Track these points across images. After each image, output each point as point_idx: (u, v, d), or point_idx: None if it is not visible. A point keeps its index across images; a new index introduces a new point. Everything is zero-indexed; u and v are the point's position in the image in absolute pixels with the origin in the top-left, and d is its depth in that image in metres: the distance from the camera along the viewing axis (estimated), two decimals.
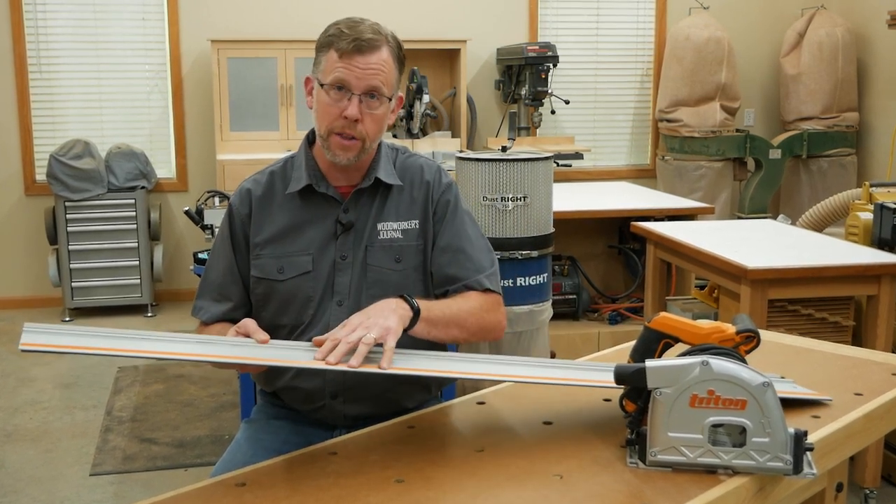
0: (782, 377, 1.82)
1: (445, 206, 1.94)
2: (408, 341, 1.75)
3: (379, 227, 1.89)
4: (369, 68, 1.80)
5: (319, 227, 1.89)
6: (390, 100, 1.86)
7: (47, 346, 1.39)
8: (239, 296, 1.93)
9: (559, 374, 1.71)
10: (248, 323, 1.64)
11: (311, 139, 1.96)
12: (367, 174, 1.90)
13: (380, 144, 1.94)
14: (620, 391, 1.56)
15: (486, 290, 1.89)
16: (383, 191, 1.92)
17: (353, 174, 1.91)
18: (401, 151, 2.00)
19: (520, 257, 3.19)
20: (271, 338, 1.82)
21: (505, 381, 1.84)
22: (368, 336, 1.53)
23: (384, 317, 1.59)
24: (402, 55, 1.89)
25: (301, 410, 1.94)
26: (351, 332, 1.55)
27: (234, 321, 1.86)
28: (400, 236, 1.90)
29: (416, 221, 1.92)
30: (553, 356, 3.79)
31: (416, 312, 1.68)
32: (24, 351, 1.37)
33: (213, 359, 1.56)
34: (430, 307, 1.72)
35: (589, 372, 1.75)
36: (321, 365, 1.51)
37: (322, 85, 1.82)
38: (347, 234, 1.88)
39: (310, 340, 1.75)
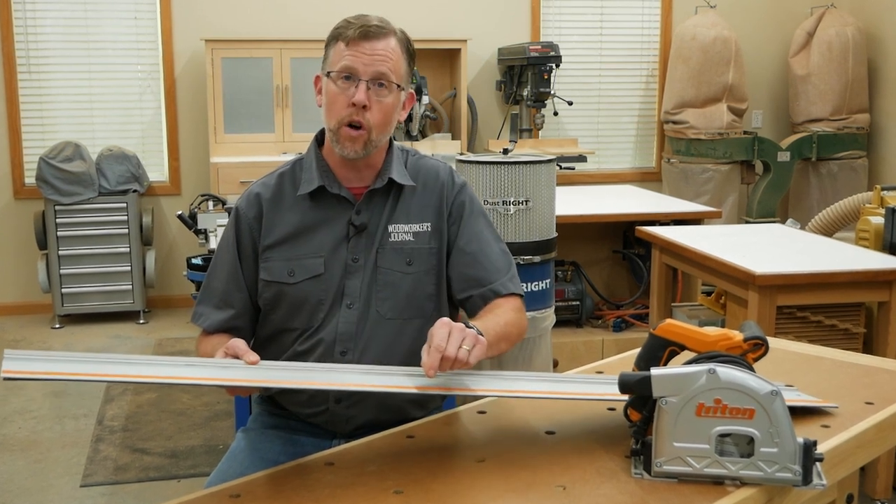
0: (788, 385, 1.79)
1: (461, 207, 1.93)
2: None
3: (390, 228, 1.88)
4: (376, 54, 1.80)
5: (331, 228, 1.88)
6: (399, 89, 1.83)
7: (31, 373, 1.36)
8: (242, 303, 1.91)
9: (562, 388, 1.70)
10: (238, 344, 1.61)
11: (319, 140, 1.94)
12: (380, 174, 1.89)
13: (391, 145, 1.92)
14: (625, 400, 1.53)
15: (510, 294, 1.90)
16: (395, 192, 1.90)
17: (366, 174, 1.90)
18: (411, 153, 1.98)
19: (521, 262, 3.16)
20: (279, 341, 1.90)
21: (506, 397, 1.83)
22: (464, 350, 1.53)
23: (470, 329, 1.58)
24: (412, 49, 1.88)
25: (301, 416, 1.92)
26: (453, 340, 1.53)
27: (236, 329, 1.88)
28: (411, 239, 1.89)
29: (428, 224, 1.90)
30: (556, 364, 3.78)
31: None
32: (6, 379, 1.34)
33: (201, 381, 1.54)
34: (487, 329, 1.68)
35: (592, 385, 1.75)
36: (311, 385, 1.56)
37: (329, 74, 1.82)
38: (360, 236, 1.87)
39: (319, 343, 1.82)
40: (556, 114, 6.14)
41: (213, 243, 3.44)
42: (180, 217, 3.69)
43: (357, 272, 1.85)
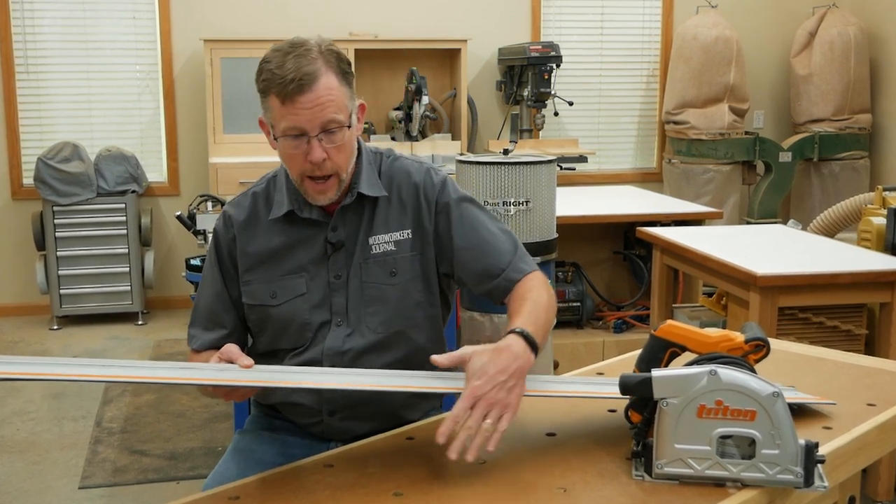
0: (788, 386, 1.78)
1: (446, 206, 1.86)
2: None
3: (371, 241, 1.83)
4: (317, 104, 1.68)
5: (309, 248, 1.84)
6: (350, 126, 1.74)
7: (18, 374, 1.36)
8: (232, 322, 1.89)
9: (562, 390, 1.69)
10: (232, 348, 1.60)
11: None
12: (350, 190, 1.83)
13: (360, 154, 1.84)
14: (626, 402, 1.53)
15: (527, 274, 1.83)
16: (370, 203, 1.85)
17: None
18: (385, 155, 1.90)
19: None
20: (270, 362, 1.83)
21: None
22: (487, 424, 1.47)
23: (507, 389, 1.51)
24: (345, 65, 1.74)
25: (298, 423, 1.91)
26: (475, 416, 1.48)
27: None
28: (393, 248, 1.84)
29: (409, 231, 1.85)
30: (556, 366, 3.76)
31: (535, 349, 1.61)
32: None
33: (193, 382, 1.54)
34: (536, 331, 1.63)
35: (593, 387, 1.75)
36: (309, 384, 1.56)
37: (276, 137, 1.73)
38: (338, 252, 1.84)
39: (309, 362, 1.79)
40: (556, 114, 6.11)
41: None
42: (179, 218, 3.66)
43: (341, 289, 1.83)
